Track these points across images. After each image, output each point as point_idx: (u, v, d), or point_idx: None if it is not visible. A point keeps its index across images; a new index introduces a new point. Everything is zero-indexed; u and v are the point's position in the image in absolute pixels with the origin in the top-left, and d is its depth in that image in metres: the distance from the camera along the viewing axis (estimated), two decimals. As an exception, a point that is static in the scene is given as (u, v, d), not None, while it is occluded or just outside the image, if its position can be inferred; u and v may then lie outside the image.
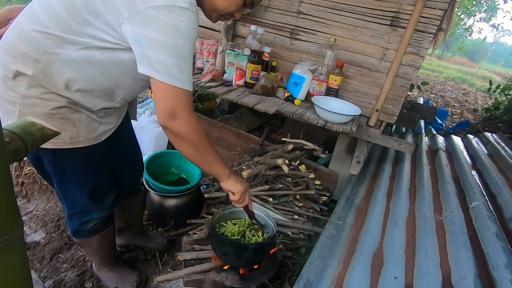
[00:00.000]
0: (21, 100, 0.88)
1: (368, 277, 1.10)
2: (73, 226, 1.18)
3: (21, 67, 0.85)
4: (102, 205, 1.17)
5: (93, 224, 1.18)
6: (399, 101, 1.79)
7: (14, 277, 0.41)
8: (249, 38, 1.87)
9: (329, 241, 1.36)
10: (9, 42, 0.86)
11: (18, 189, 1.90)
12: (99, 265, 1.38)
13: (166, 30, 0.77)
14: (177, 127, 0.84)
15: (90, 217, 1.16)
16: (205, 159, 0.94)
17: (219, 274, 1.24)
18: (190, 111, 0.84)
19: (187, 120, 0.84)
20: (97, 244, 1.25)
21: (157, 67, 0.78)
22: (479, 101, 7.44)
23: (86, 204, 1.12)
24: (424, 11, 1.58)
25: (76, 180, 1.06)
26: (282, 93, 1.84)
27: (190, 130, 0.85)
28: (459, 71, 14.28)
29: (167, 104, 0.81)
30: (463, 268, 1.11)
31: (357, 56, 1.82)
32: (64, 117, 0.92)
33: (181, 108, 0.82)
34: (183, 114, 0.83)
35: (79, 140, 0.97)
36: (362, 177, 1.92)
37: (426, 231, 1.35)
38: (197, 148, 0.89)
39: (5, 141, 0.43)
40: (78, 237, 1.22)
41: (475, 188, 1.71)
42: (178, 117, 0.83)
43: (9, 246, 0.39)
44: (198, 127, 0.87)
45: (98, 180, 1.12)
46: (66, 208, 1.14)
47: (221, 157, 0.99)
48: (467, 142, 2.67)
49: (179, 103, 0.82)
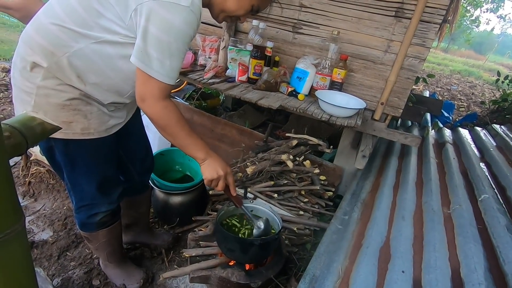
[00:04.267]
0: (36, 91, 0.92)
1: (375, 271, 1.09)
2: (81, 219, 1.21)
3: (37, 58, 0.89)
4: (109, 198, 1.20)
5: (100, 217, 1.20)
6: (405, 94, 1.76)
7: (16, 271, 0.41)
8: (251, 33, 1.85)
9: (335, 236, 1.35)
10: (28, 35, 0.90)
11: (26, 189, 1.92)
12: (106, 261, 1.39)
13: (160, 25, 0.83)
14: (145, 109, 0.93)
15: (97, 209, 1.19)
16: (175, 141, 1.01)
17: (225, 270, 1.24)
18: (157, 99, 0.92)
19: (152, 105, 0.92)
20: (104, 239, 1.27)
21: (143, 57, 0.86)
22: (486, 94, 7.32)
23: (94, 195, 1.14)
24: (429, 1, 1.54)
25: (85, 170, 1.09)
26: (285, 88, 1.82)
27: (155, 114, 0.93)
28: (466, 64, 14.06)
29: (141, 88, 0.91)
30: (473, 261, 1.08)
31: (361, 48, 1.79)
32: (76, 109, 0.96)
33: (150, 95, 0.91)
34: (150, 100, 0.91)
35: (90, 131, 1.02)
36: (367, 171, 1.90)
37: (434, 224, 1.32)
38: (165, 131, 0.98)
39: (5, 135, 0.43)
40: (85, 230, 1.25)
41: (484, 180, 1.68)
42: (145, 101, 0.92)
43: (10, 241, 0.39)
44: (165, 113, 0.94)
45: (106, 172, 1.15)
46: (74, 200, 1.17)
47: (199, 141, 1.04)
48: (474, 135, 2.62)
49: (151, 91, 0.90)
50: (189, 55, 1.97)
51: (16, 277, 0.41)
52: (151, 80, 0.89)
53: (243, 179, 1.87)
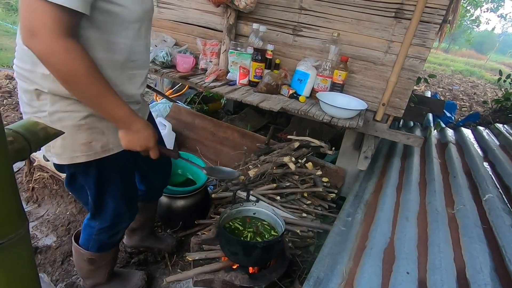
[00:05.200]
0: (49, 118, 0.87)
1: (380, 273, 1.08)
2: (102, 241, 1.17)
3: (36, 86, 0.84)
4: (131, 211, 1.17)
5: (122, 234, 1.19)
6: (406, 94, 1.76)
7: (20, 276, 0.41)
8: (251, 37, 1.86)
9: (339, 237, 1.34)
10: (16, 66, 0.87)
11: (29, 194, 1.93)
12: (104, 280, 1.31)
13: None
14: (36, 49, 0.70)
15: (119, 227, 1.16)
16: (84, 98, 0.81)
17: (228, 274, 1.23)
18: (54, 33, 0.68)
19: (46, 43, 0.68)
20: (111, 256, 1.25)
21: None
22: (488, 93, 7.29)
23: (119, 212, 1.11)
24: (429, 1, 1.55)
25: (111, 188, 1.06)
26: (286, 91, 1.83)
27: (51, 55, 0.70)
28: (467, 64, 14.04)
29: (26, 17, 0.68)
30: (478, 261, 1.07)
31: (362, 50, 1.79)
32: (92, 127, 0.92)
33: (42, 26, 0.67)
34: (43, 33, 0.67)
35: (110, 147, 0.97)
36: (370, 172, 1.89)
37: (438, 225, 1.31)
38: (70, 83, 0.76)
39: (9, 140, 0.43)
40: (101, 251, 1.20)
41: (488, 180, 1.67)
42: (36, 36, 0.68)
43: (14, 245, 0.39)
44: (68, 57, 0.71)
45: (129, 185, 1.12)
46: (98, 221, 1.13)
47: (119, 102, 0.84)
48: (477, 134, 2.61)
49: (41, 20, 0.67)
50: (190, 59, 1.99)
51: (20, 282, 0.41)
52: (41, 4, 0.65)
53: (246, 181, 1.87)
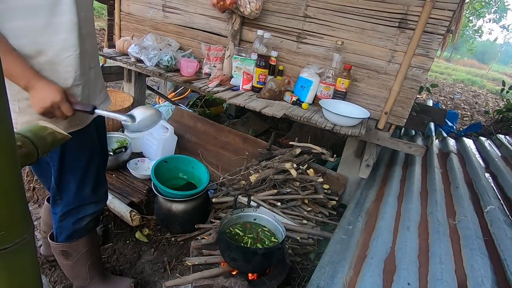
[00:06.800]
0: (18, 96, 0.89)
1: (380, 283, 1.07)
2: (67, 227, 1.15)
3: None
4: (97, 196, 1.15)
5: (87, 221, 1.16)
6: (409, 104, 1.76)
7: (24, 280, 0.41)
8: (256, 43, 1.88)
9: (339, 246, 1.34)
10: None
11: (30, 194, 1.93)
12: (88, 277, 1.29)
13: None
14: None
15: (84, 212, 1.14)
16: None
17: (227, 280, 1.23)
18: None
19: None
20: (85, 248, 1.21)
21: None
22: (490, 103, 7.30)
23: (83, 195, 1.09)
24: (433, 12, 1.56)
25: (75, 166, 1.05)
26: (289, 97, 1.83)
27: None
28: (469, 73, 14.07)
29: None
30: (480, 274, 1.07)
31: (365, 58, 1.80)
32: None
33: None
34: None
35: (76, 122, 0.98)
36: (371, 181, 1.89)
37: (440, 236, 1.31)
38: None
39: (17, 145, 0.43)
40: (69, 241, 1.17)
41: (490, 191, 1.66)
42: None
43: (19, 250, 0.39)
44: None
45: (94, 167, 1.11)
46: (60, 206, 1.12)
47: (20, 61, 0.81)
48: (479, 145, 2.61)
49: None
50: (194, 63, 2.00)
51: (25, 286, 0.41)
52: None
53: (247, 187, 1.87)
